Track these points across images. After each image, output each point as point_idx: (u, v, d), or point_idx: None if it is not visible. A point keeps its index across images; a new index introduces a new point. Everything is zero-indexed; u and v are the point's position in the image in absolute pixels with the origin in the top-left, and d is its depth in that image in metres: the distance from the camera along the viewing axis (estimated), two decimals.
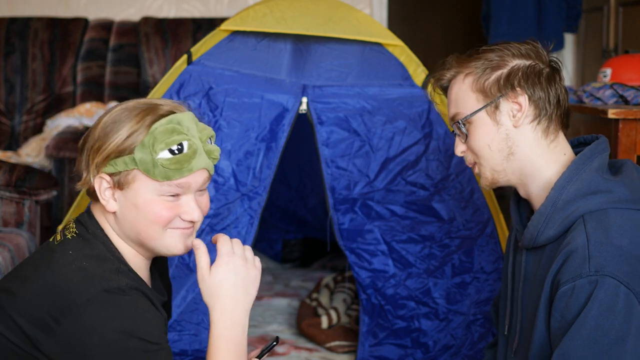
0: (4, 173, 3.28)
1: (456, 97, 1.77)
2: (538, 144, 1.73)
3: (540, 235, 1.68)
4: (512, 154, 1.73)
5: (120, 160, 1.51)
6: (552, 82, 1.74)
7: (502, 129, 1.73)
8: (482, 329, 2.56)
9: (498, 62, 1.73)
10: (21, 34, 4.18)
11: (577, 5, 4.37)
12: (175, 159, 1.50)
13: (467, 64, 1.75)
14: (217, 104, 2.52)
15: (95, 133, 1.54)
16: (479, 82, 1.73)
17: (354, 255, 2.59)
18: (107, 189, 1.54)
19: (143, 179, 1.51)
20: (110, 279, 1.50)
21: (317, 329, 2.99)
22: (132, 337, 1.46)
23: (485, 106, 1.72)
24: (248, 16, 2.57)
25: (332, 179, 2.56)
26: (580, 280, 1.55)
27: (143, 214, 1.53)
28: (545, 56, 1.77)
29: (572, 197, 1.65)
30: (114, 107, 1.58)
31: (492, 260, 2.56)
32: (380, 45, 2.57)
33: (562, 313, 1.58)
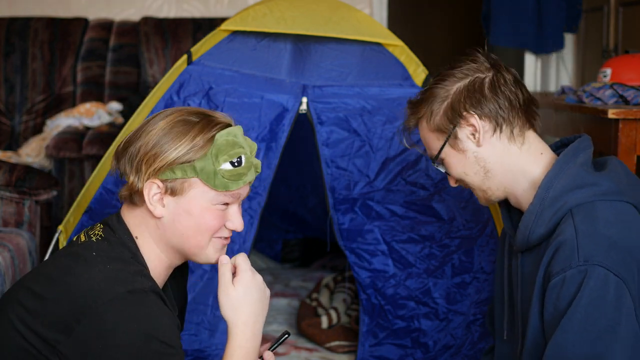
0: (4, 173, 3.28)
1: (424, 141, 1.84)
2: (508, 152, 1.75)
3: (532, 234, 1.70)
4: (488, 172, 1.77)
5: (179, 168, 1.55)
6: (496, 88, 1.75)
7: (469, 154, 1.77)
8: (482, 329, 2.56)
9: (441, 95, 1.77)
10: (21, 34, 4.18)
11: (577, 5, 4.37)
12: (235, 171, 1.57)
13: (418, 109, 1.81)
14: (217, 104, 2.52)
15: (149, 140, 1.56)
16: (431, 122, 1.78)
17: (354, 255, 2.59)
18: (156, 194, 1.57)
19: (201, 188, 1.57)
20: (133, 281, 1.51)
21: (317, 329, 2.99)
22: (152, 339, 1.47)
23: (445, 142, 1.77)
24: (248, 16, 2.57)
25: (332, 179, 2.56)
26: (571, 270, 1.57)
27: (195, 221, 1.58)
28: (484, 63, 1.78)
29: (559, 192, 1.67)
30: (162, 114, 1.61)
31: (492, 260, 2.56)
32: (380, 45, 2.57)
33: (554, 304, 1.60)
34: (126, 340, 1.46)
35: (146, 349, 1.46)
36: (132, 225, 1.62)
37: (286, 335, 1.78)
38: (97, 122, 3.97)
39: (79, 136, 3.74)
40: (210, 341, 2.54)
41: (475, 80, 1.75)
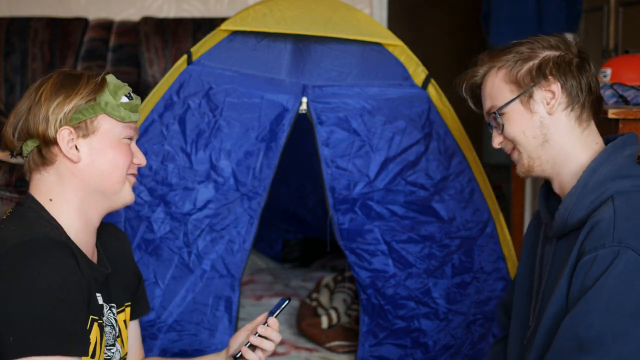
0: (4, 173, 3.28)
1: (490, 91, 1.82)
2: (572, 131, 1.77)
3: (570, 217, 1.70)
4: (546, 141, 1.77)
5: (86, 109, 1.67)
6: (582, 71, 1.78)
7: (537, 117, 1.77)
8: (482, 329, 2.56)
9: (529, 53, 1.78)
10: (21, 34, 4.18)
11: (577, 5, 4.37)
12: (131, 103, 1.73)
13: (498, 57, 1.81)
14: (217, 104, 2.52)
15: (46, 96, 1.67)
16: (511, 73, 1.78)
17: (354, 255, 2.59)
18: (69, 140, 1.67)
19: (108, 123, 1.69)
20: (29, 231, 1.58)
21: (317, 329, 3.00)
22: (35, 288, 1.50)
23: (519, 95, 1.77)
24: (248, 16, 2.57)
25: (332, 179, 2.56)
26: (603, 250, 1.58)
27: (112, 156, 1.69)
28: (573, 47, 1.81)
29: (603, 179, 1.68)
30: (39, 81, 1.73)
31: (492, 260, 2.56)
32: (380, 45, 2.57)
33: (581, 281, 1.60)
34: (10, 288, 1.50)
35: (29, 297, 1.50)
36: (44, 190, 1.68)
37: (287, 300, 1.81)
38: None
39: None
40: (210, 341, 2.54)
41: (565, 55, 1.78)
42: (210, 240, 2.53)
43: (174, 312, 2.53)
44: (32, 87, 1.72)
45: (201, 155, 2.52)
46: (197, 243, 2.52)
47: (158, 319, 2.51)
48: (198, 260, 2.53)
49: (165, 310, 2.52)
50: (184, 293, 2.53)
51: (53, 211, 1.66)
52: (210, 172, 2.52)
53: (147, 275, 2.50)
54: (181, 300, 2.53)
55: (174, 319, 2.53)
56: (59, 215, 1.66)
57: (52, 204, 1.67)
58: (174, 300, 2.53)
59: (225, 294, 2.54)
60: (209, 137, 2.52)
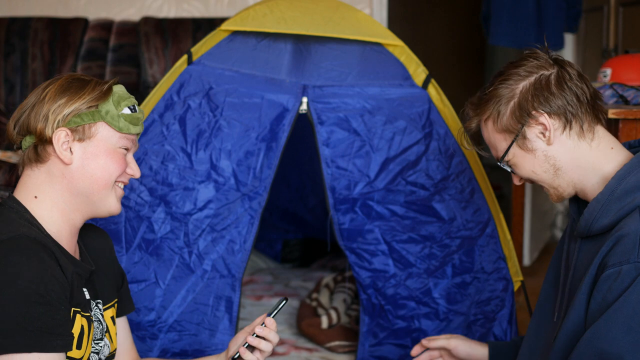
0: (4, 173, 3.28)
1: (489, 142, 1.82)
2: (579, 149, 1.73)
3: (595, 223, 1.67)
4: (558, 170, 1.74)
5: (85, 114, 1.69)
6: (562, 84, 1.73)
7: (538, 153, 1.74)
8: (483, 329, 2.56)
9: (506, 95, 1.74)
10: (21, 34, 4.18)
11: (577, 5, 4.37)
12: (133, 116, 1.75)
13: (482, 110, 1.78)
14: (217, 104, 2.52)
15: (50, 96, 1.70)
16: (498, 123, 1.76)
17: (354, 255, 2.59)
18: (64, 142, 1.69)
19: (106, 131, 1.72)
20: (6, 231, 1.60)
21: (317, 329, 3.00)
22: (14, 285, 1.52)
23: (513, 142, 1.75)
24: (248, 16, 2.57)
25: (332, 179, 2.56)
26: (628, 265, 1.55)
27: (103, 162, 1.71)
28: (546, 59, 1.76)
29: (631, 187, 1.64)
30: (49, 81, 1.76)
31: (493, 260, 2.56)
32: (380, 45, 2.57)
33: (603, 295, 1.58)
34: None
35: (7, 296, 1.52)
36: (31, 187, 1.71)
37: (284, 300, 1.83)
38: None
39: None
40: (211, 341, 2.54)
41: (540, 78, 1.73)
42: (210, 240, 2.53)
43: (175, 312, 2.53)
44: (41, 85, 1.75)
45: (201, 155, 2.52)
46: (197, 243, 2.52)
47: (158, 319, 2.51)
48: (199, 260, 2.53)
49: (165, 310, 2.52)
50: (185, 293, 2.53)
51: (36, 208, 1.70)
52: (211, 172, 2.52)
53: (148, 275, 2.50)
54: (182, 300, 2.53)
55: (175, 319, 2.53)
56: (42, 212, 1.69)
57: (36, 201, 1.70)
58: (175, 301, 2.53)
59: (226, 294, 2.54)
60: (210, 137, 2.52)
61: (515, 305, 2.57)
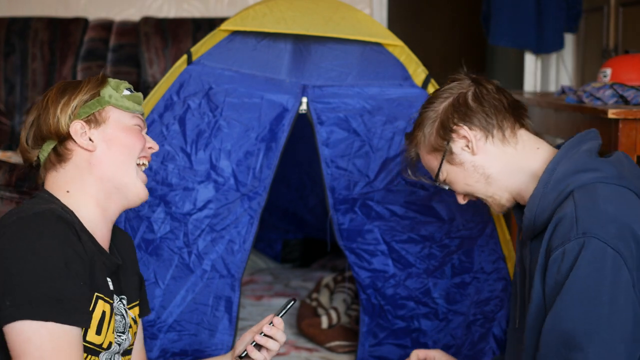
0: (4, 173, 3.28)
1: (426, 167, 1.94)
2: (504, 154, 1.82)
3: (537, 219, 1.73)
4: (489, 177, 1.83)
5: (91, 103, 1.75)
6: (479, 98, 1.83)
7: (467, 165, 1.84)
8: (482, 329, 2.56)
9: (431, 117, 1.87)
10: (21, 34, 4.18)
11: (577, 5, 4.37)
12: (134, 96, 1.82)
13: (413, 137, 1.92)
14: (217, 104, 2.52)
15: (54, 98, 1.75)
16: (427, 145, 1.88)
17: (353, 255, 2.59)
18: (83, 133, 1.74)
19: (116, 113, 1.78)
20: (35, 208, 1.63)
21: (317, 329, 3.00)
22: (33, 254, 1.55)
23: (443, 159, 1.85)
24: (248, 16, 2.57)
25: (332, 179, 2.56)
26: (569, 243, 1.61)
27: (125, 140, 1.77)
28: (464, 79, 1.88)
29: (562, 175, 1.71)
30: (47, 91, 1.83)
31: (492, 260, 2.56)
32: (380, 45, 2.57)
33: (555, 278, 1.63)
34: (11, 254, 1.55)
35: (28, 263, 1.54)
36: (61, 184, 1.74)
37: (293, 301, 1.86)
38: None
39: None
40: (211, 341, 2.54)
41: (459, 96, 1.85)
42: (210, 240, 2.53)
43: (174, 312, 2.53)
44: (37, 100, 1.83)
45: (201, 155, 2.52)
46: (197, 243, 2.52)
47: (158, 319, 2.52)
48: (198, 260, 2.53)
49: (165, 310, 2.52)
50: (184, 293, 2.53)
51: (70, 202, 1.72)
52: (210, 172, 2.52)
53: (147, 276, 2.50)
54: (181, 300, 2.53)
55: (174, 319, 2.53)
56: (77, 205, 1.72)
57: (69, 195, 1.73)
58: (174, 300, 2.53)
59: (226, 294, 2.54)
60: (209, 137, 2.52)
61: None
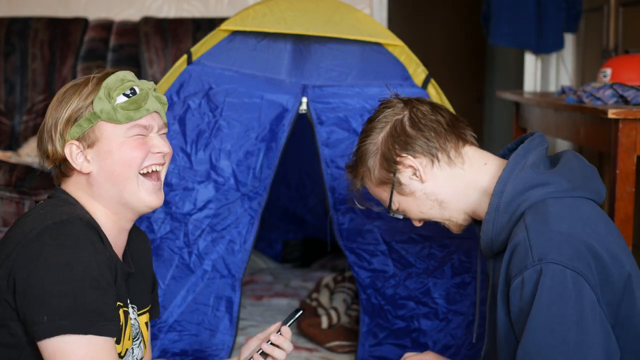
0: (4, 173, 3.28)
1: (375, 197, 1.90)
2: (453, 177, 1.78)
3: (494, 242, 1.71)
4: (442, 202, 1.80)
5: (82, 121, 1.66)
6: (417, 124, 1.78)
7: (418, 193, 1.80)
8: (482, 329, 2.56)
9: (371, 150, 1.82)
10: (21, 34, 4.18)
11: (577, 5, 4.37)
12: (131, 100, 1.67)
13: (357, 171, 1.87)
14: (217, 104, 2.53)
15: (49, 114, 1.69)
16: (372, 178, 1.83)
17: (353, 255, 2.59)
18: (78, 154, 1.67)
19: (109, 128, 1.67)
20: (63, 213, 1.60)
21: (317, 329, 3.00)
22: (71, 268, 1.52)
23: (392, 191, 1.81)
24: (248, 16, 2.57)
25: (332, 179, 2.56)
26: (527, 271, 1.58)
27: (119, 156, 1.67)
28: (397, 104, 1.82)
29: (512, 197, 1.68)
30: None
31: None
32: (380, 45, 2.57)
33: (518, 306, 1.60)
34: (45, 267, 1.52)
35: (64, 276, 1.52)
36: (72, 192, 1.72)
37: (302, 311, 1.86)
38: None
39: None
40: (211, 341, 2.54)
41: (395, 124, 1.79)
42: (210, 240, 2.53)
43: (175, 312, 2.53)
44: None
45: (201, 155, 2.52)
46: (197, 243, 2.52)
47: (158, 319, 2.52)
48: (199, 260, 2.53)
49: (165, 311, 2.52)
50: (185, 293, 2.53)
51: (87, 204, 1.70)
52: (210, 172, 2.52)
53: None
54: (182, 301, 2.53)
55: (175, 319, 2.53)
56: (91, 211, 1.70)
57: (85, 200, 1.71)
58: (175, 301, 2.53)
59: (226, 294, 2.54)
60: (209, 137, 2.52)
61: None
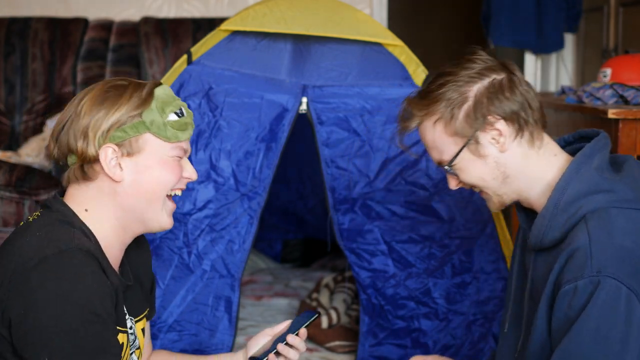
0: (4, 173, 3.28)
1: (433, 144, 1.73)
2: (529, 157, 1.70)
3: (545, 238, 1.66)
4: (507, 178, 1.70)
5: (129, 127, 1.57)
6: (514, 88, 1.68)
7: (490, 159, 1.69)
8: (482, 329, 2.56)
9: (459, 97, 1.67)
10: (21, 34, 4.18)
11: (577, 5, 4.37)
12: (181, 121, 1.62)
13: (430, 110, 1.70)
14: (217, 104, 2.52)
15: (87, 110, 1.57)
16: (450, 126, 1.68)
17: (354, 255, 2.59)
18: (112, 159, 1.58)
19: (155, 143, 1.59)
20: (64, 242, 1.51)
21: (317, 329, 3.00)
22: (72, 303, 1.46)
23: (465, 146, 1.68)
24: (248, 16, 2.57)
25: (332, 179, 2.56)
26: (582, 280, 1.54)
27: (158, 174, 1.60)
28: (494, 62, 1.71)
29: (573, 198, 1.63)
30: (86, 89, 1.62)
31: (492, 260, 2.56)
32: (380, 45, 2.57)
33: (565, 312, 1.57)
34: (44, 302, 1.45)
35: (65, 313, 1.45)
36: (80, 201, 1.61)
37: (317, 314, 1.84)
38: None
39: None
40: (211, 341, 2.54)
41: (493, 81, 1.67)
42: (210, 240, 2.53)
43: (174, 312, 2.53)
44: (77, 95, 1.62)
45: (201, 155, 2.52)
46: (197, 243, 2.52)
47: (158, 319, 2.52)
48: (198, 260, 2.53)
49: (165, 310, 2.52)
50: (184, 293, 2.53)
51: (87, 220, 1.60)
52: (210, 172, 2.52)
53: None
54: (181, 300, 2.53)
55: (174, 319, 2.53)
56: (94, 224, 1.60)
57: (86, 214, 1.61)
58: (174, 301, 2.53)
59: (225, 294, 2.54)
60: (209, 137, 2.52)
61: None
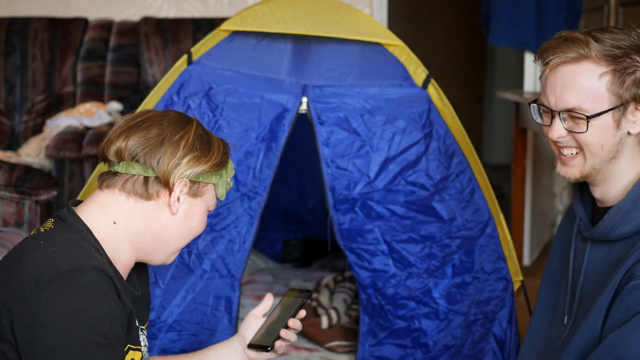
0: (4, 173, 3.28)
1: (580, 89, 1.63)
2: (633, 150, 1.68)
3: (614, 230, 1.64)
4: (615, 158, 1.66)
5: (213, 174, 1.68)
6: None
7: (619, 133, 1.65)
8: (483, 329, 2.56)
9: (628, 63, 1.62)
10: (21, 34, 4.18)
11: (577, 5, 4.37)
12: (229, 184, 1.76)
13: (610, 59, 1.62)
14: (217, 104, 2.52)
15: (188, 142, 1.64)
16: (617, 84, 1.62)
17: (354, 255, 2.59)
18: (181, 192, 1.65)
19: (211, 194, 1.70)
20: (76, 259, 1.50)
21: (317, 329, 3.00)
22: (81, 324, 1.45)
23: (615, 108, 1.62)
24: (248, 16, 2.57)
25: (332, 179, 2.56)
26: None
27: (195, 224, 1.69)
28: None
29: None
30: (185, 127, 1.67)
31: (493, 260, 2.56)
32: (380, 45, 2.57)
33: (628, 305, 1.56)
34: (53, 320, 1.45)
35: (73, 332, 1.44)
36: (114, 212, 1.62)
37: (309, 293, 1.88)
38: (97, 122, 3.97)
39: (79, 136, 3.75)
40: (210, 341, 2.54)
41: None
42: (210, 240, 2.53)
43: (174, 312, 2.53)
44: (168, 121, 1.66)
45: None
46: (197, 243, 2.52)
47: (158, 319, 2.52)
48: (198, 260, 2.53)
49: (165, 310, 2.52)
50: (184, 293, 2.53)
51: (108, 233, 1.61)
52: None
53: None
54: (181, 300, 2.53)
55: (174, 319, 2.53)
56: (114, 239, 1.61)
57: (113, 227, 1.62)
58: (174, 300, 2.53)
59: (226, 294, 2.54)
60: None
61: (515, 305, 2.58)
